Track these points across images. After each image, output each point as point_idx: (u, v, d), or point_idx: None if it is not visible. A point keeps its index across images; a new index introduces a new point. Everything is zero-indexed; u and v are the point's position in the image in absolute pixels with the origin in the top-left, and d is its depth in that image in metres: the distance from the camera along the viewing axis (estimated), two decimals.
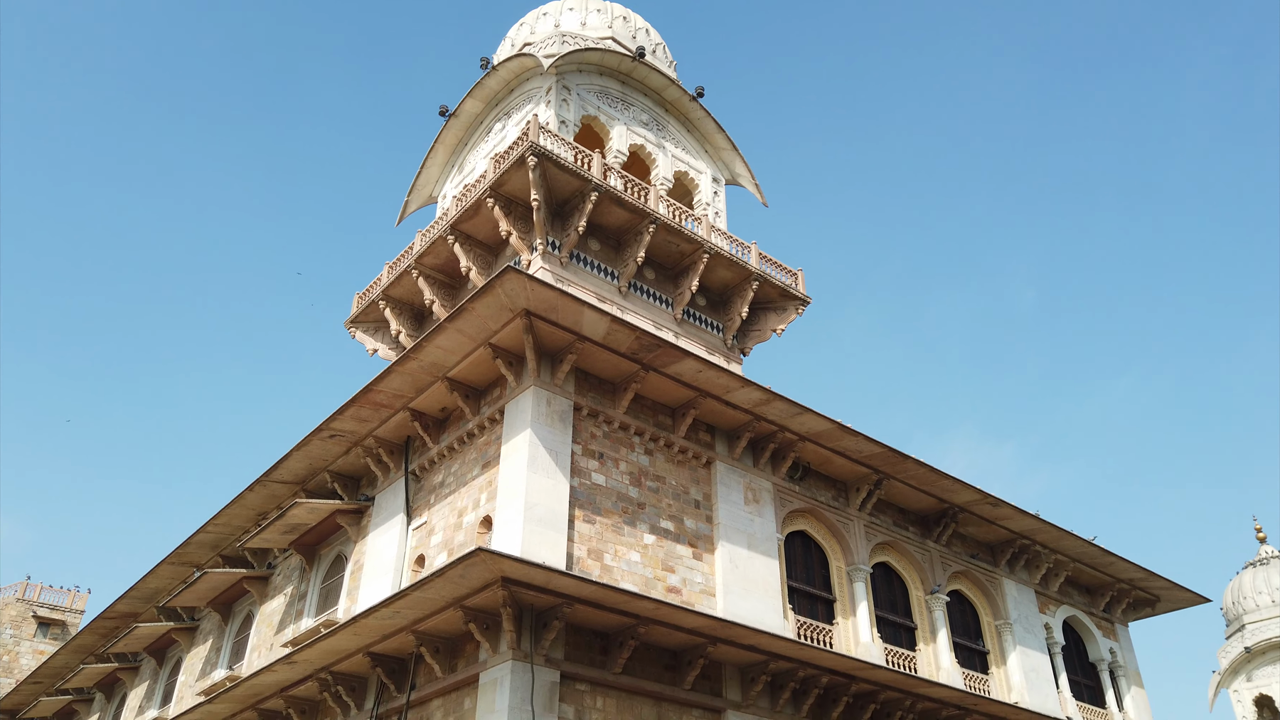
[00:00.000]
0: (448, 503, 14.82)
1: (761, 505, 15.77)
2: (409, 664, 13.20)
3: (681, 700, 12.95)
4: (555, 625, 11.71)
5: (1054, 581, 20.26)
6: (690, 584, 14.16)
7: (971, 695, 15.31)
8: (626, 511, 14.02)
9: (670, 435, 15.07)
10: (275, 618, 18.09)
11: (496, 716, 11.16)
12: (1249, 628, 31.93)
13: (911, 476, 17.36)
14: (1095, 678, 20.69)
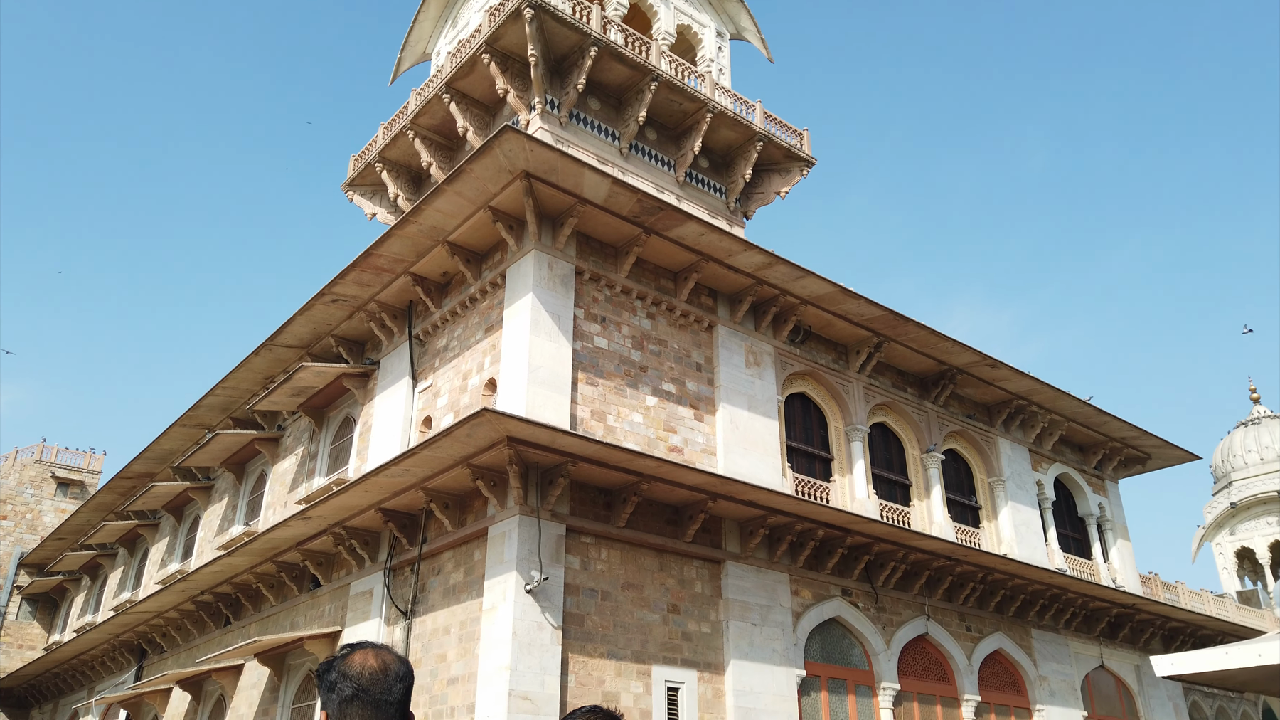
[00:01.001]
0: (452, 366, 14.99)
1: (762, 368, 15.95)
2: (420, 519, 13.67)
3: (683, 552, 13.47)
4: (560, 482, 12.07)
5: (1048, 440, 20.72)
6: (691, 444, 14.49)
7: (962, 547, 15.91)
8: (629, 374, 14.19)
9: (672, 299, 15.08)
10: (288, 477, 18.63)
11: (505, 566, 11.66)
12: (1236, 484, 32.84)
13: (911, 339, 17.49)
14: (1083, 531, 21.45)
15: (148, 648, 22.44)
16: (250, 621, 17.84)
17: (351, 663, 1.94)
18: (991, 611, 17.55)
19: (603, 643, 12.15)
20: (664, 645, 12.77)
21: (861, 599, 15.59)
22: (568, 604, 11.98)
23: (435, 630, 12.84)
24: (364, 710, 1.88)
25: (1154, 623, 20.23)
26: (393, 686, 1.93)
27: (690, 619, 13.25)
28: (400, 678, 1.96)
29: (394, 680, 1.94)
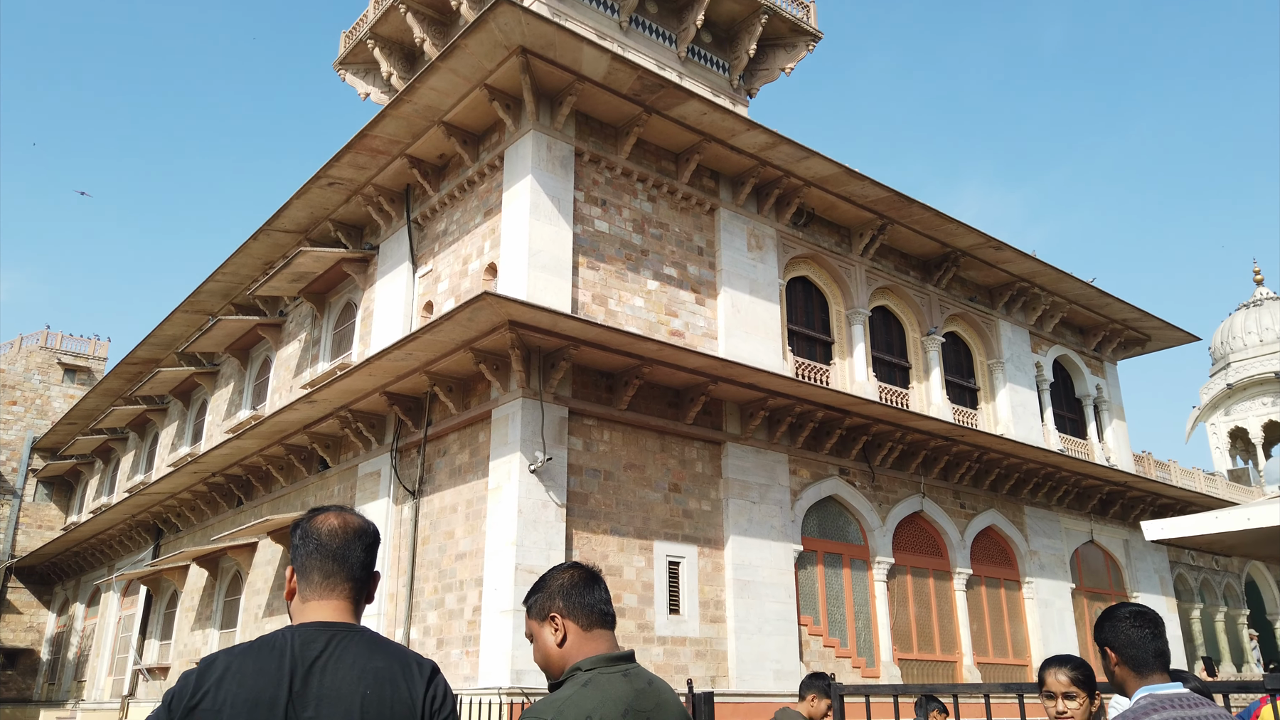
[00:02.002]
0: (452, 251, 14.87)
1: (764, 251, 15.82)
2: (424, 402, 13.84)
3: (683, 434, 13.69)
4: (563, 366, 12.15)
5: (1049, 323, 20.74)
6: (693, 328, 14.51)
7: (958, 428, 16.14)
8: (630, 258, 14.09)
9: (674, 181, 14.83)
10: (292, 362, 18.77)
11: (509, 448, 11.87)
12: (1234, 365, 33.06)
13: (916, 221, 17.28)
14: (1079, 412, 21.73)
15: (163, 527, 23.12)
16: (262, 502, 18.30)
17: (314, 522, 2.01)
18: (986, 489, 17.96)
19: (606, 520, 12.48)
20: (665, 522, 13.13)
21: (858, 478, 15.93)
22: (571, 483, 12.25)
23: (443, 509, 13.18)
24: (324, 563, 1.94)
25: (1144, 499, 20.73)
26: (352, 543, 1.97)
27: (691, 497, 13.58)
28: (360, 534, 2.00)
29: (354, 536, 1.98)
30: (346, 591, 1.94)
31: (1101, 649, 2.74)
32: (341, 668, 1.79)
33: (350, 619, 1.92)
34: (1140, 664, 2.65)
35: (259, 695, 1.74)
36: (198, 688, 1.77)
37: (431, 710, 1.77)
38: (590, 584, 2.17)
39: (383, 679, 1.78)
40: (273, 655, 1.79)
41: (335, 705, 1.74)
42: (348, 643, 1.84)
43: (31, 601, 32.19)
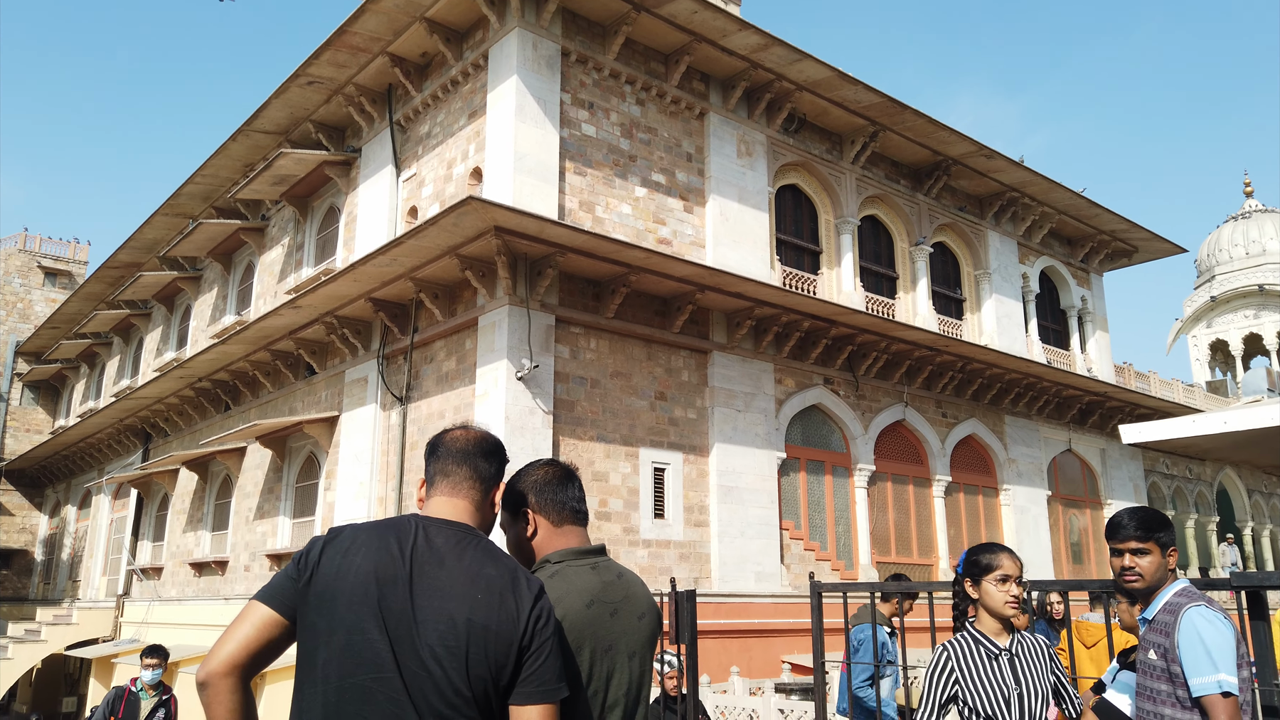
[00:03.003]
0: (436, 154, 14.58)
1: (754, 158, 15.58)
2: (410, 309, 13.77)
3: (670, 342, 13.72)
4: (549, 273, 12.07)
5: (1037, 233, 20.68)
6: (680, 235, 14.39)
7: (943, 338, 16.24)
8: (617, 164, 13.85)
9: (663, 84, 14.48)
10: (275, 267, 18.57)
11: (496, 355, 11.88)
12: (1219, 278, 33.20)
13: (908, 128, 17.01)
14: (1064, 323, 21.87)
15: (152, 431, 23.22)
16: (250, 407, 18.36)
17: (443, 435, 2.09)
18: (968, 399, 18.19)
19: (592, 427, 12.61)
20: (651, 430, 13.27)
21: (843, 387, 16.08)
22: (558, 391, 12.32)
23: (430, 414, 13.26)
24: (445, 464, 2.00)
25: (1123, 409, 21.06)
26: (474, 448, 2.03)
27: (677, 405, 13.70)
28: (481, 441, 2.06)
29: (476, 442, 2.05)
30: (467, 492, 1.98)
31: (1166, 549, 2.88)
32: (460, 566, 1.82)
33: (471, 522, 1.97)
34: None
35: (381, 570, 1.78)
36: (324, 552, 1.83)
37: (536, 628, 1.79)
38: (564, 481, 2.20)
39: (494, 587, 1.80)
40: (397, 536, 1.84)
41: (448, 599, 1.77)
42: (467, 544, 1.87)
43: (23, 504, 32.53)
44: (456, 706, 1.69)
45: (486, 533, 1.99)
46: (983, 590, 3.07)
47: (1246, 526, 25.60)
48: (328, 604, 1.75)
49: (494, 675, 1.73)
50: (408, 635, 1.71)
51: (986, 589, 3.07)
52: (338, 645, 1.72)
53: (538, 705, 1.74)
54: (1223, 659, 2.50)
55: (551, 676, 1.76)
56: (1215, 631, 2.53)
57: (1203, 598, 2.68)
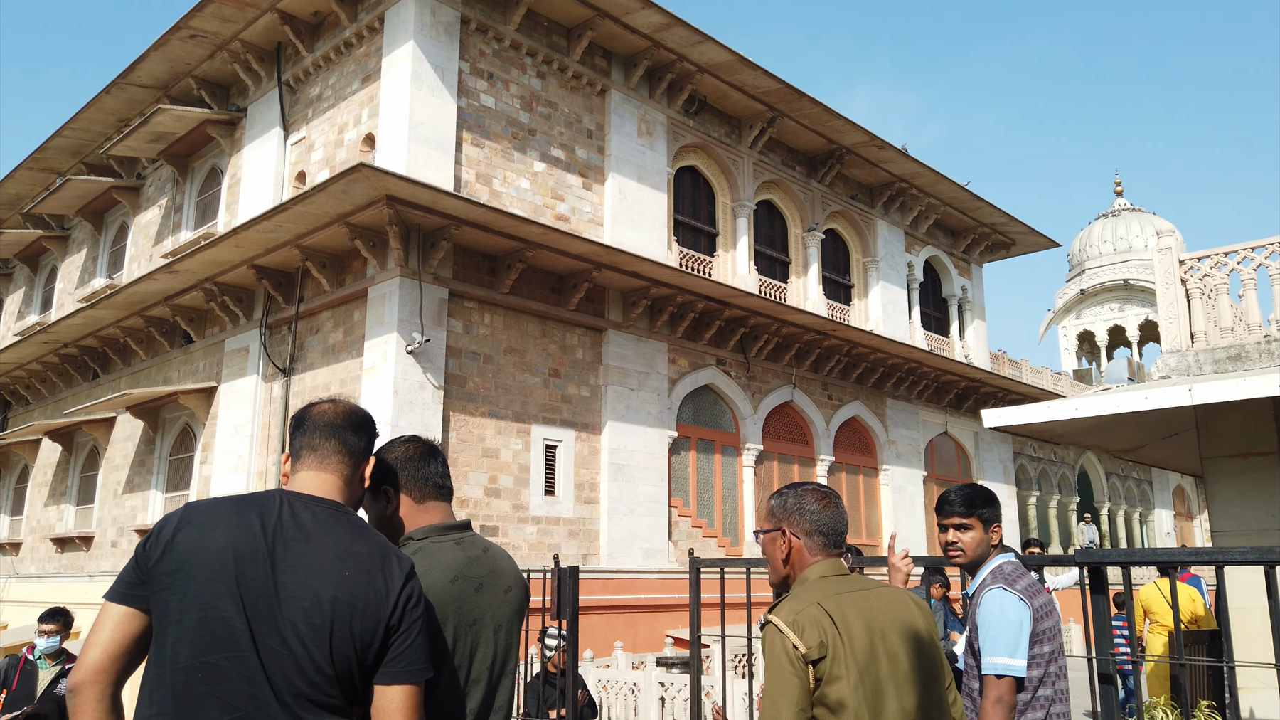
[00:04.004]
0: (327, 118, 14.09)
1: (654, 138, 15.62)
2: (296, 278, 13.31)
3: (566, 320, 13.69)
4: (443, 246, 11.86)
5: (923, 224, 21.45)
6: (579, 213, 14.33)
7: (831, 322, 16.71)
8: (517, 137, 13.68)
9: (564, 58, 14.34)
10: (152, 229, 17.64)
11: (386, 328, 11.62)
12: (1089, 272, 35.14)
13: (805, 116, 17.35)
14: (944, 311, 22.80)
15: (11, 399, 21.82)
16: (120, 375, 17.45)
17: (309, 408, 2.02)
18: (853, 382, 18.79)
19: (484, 403, 12.49)
20: (544, 406, 13.24)
21: (734, 368, 16.38)
22: (449, 365, 12.14)
23: (315, 387, 12.89)
24: (313, 438, 1.94)
25: (996, 395, 22.13)
26: (343, 422, 1.97)
27: (571, 383, 13.70)
28: (350, 415, 2.00)
29: (345, 416, 1.98)
30: (336, 467, 1.93)
31: (991, 524, 2.98)
32: (328, 542, 1.77)
33: (340, 498, 1.91)
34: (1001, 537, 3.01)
35: (240, 546, 1.72)
36: (178, 529, 1.75)
37: (406, 607, 1.75)
38: (427, 456, 2.18)
39: (363, 564, 1.76)
40: (260, 511, 1.78)
41: (313, 576, 1.72)
42: (335, 520, 1.82)
43: None
44: (317, 685, 1.66)
45: (355, 508, 1.95)
46: None
47: (1104, 507, 27.33)
48: (181, 582, 1.69)
49: (359, 654, 1.70)
50: (268, 613, 1.67)
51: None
52: (190, 624, 1.67)
53: (402, 685, 1.72)
54: (1003, 642, 2.67)
55: (418, 657, 1.75)
56: (1002, 614, 2.70)
57: (1005, 578, 2.81)
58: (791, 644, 2.02)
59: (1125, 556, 3.58)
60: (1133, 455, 8.52)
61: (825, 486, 2.40)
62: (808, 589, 2.17)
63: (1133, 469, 28.56)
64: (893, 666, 2.08)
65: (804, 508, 2.31)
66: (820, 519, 2.29)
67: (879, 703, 2.01)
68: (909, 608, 2.23)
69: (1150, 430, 6.35)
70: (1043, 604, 2.80)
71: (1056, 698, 2.77)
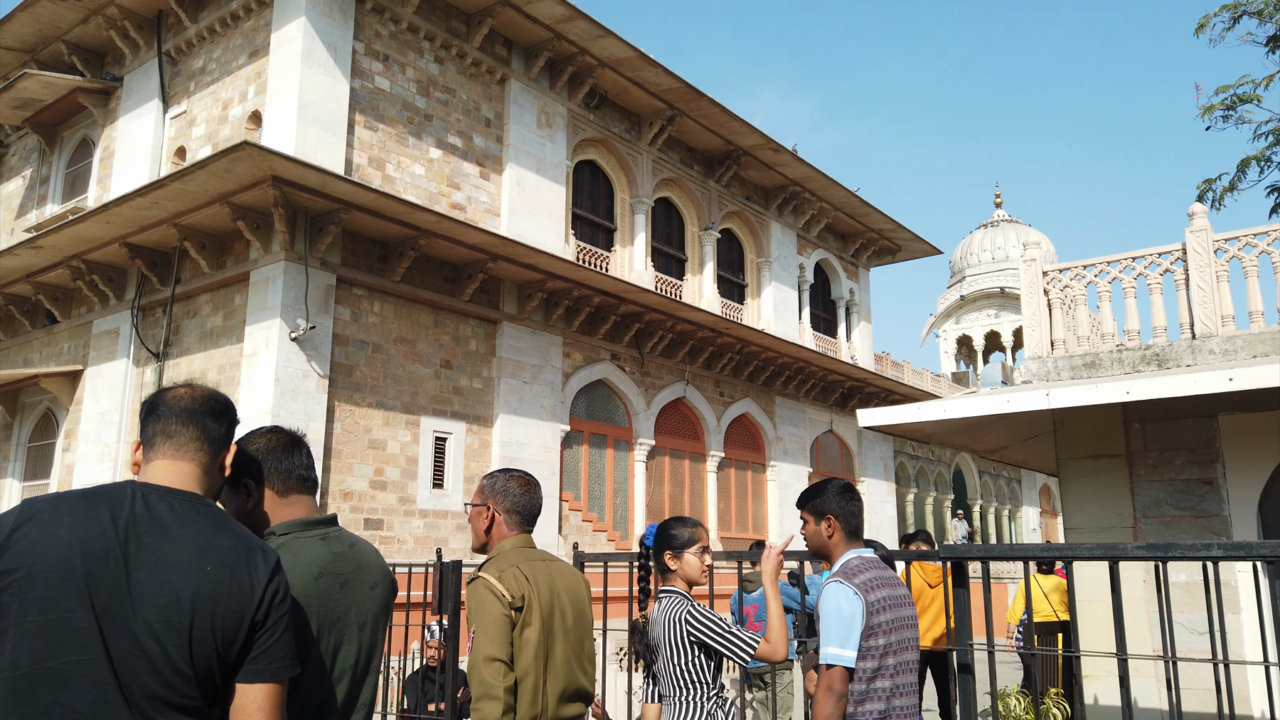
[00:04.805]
0: (210, 92, 13.48)
1: (554, 130, 15.55)
2: (173, 258, 12.71)
3: (459, 310, 13.50)
4: (332, 230, 11.52)
5: (815, 227, 22.03)
6: (475, 202, 14.15)
7: (725, 320, 17.00)
8: (412, 122, 13.40)
9: (464, 45, 14.12)
10: (14, 201, 16.54)
11: (269, 313, 11.22)
12: (968, 279, 36.72)
13: (704, 116, 17.56)
14: (833, 312, 23.48)
15: None
16: None
17: (162, 393, 1.89)
18: (744, 380, 19.17)
19: (371, 393, 12.21)
20: (434, 398, 13.03)
21: (629, 363, 16.47)
22: (336, 354, 11.82)
23: (190, 374, 12.34)
24: (167, 424, 1.82)
25: (880, 395, 22.93)
26: (200, 407, 1.85)
27: (463, 374, 13.52)
28: (209, 400, 1.88)
29: (202, 401, 1.86)
30: (194, 455, 1.81)
31: (821, 516, 3.03)
32: (187, 536, 1.67)
33: (199, 488, 1.80)
34: (854, 532, 3.02)
35: (88, 543, 1.60)
36: (16, 527, 1.61)
37: (271, 603, 1.67)
38: (290, 448, 2.10)
39: (225, 559, 1.66)
40: (110, 505, 1.65)
41: (171, 573, 1.62)
42: (195, 513, 1.72)
43: None
44: (174, 686, 1.59)
45: (214, 499, 1.87)
46: (685, 561, 3.23)
47: (977, 504, 28.68)
48: (20, 583, 1.58)
49: (221, 652, 1.63)
50: (120, 612, 1.58)
51: (689, 560, 3.24)
52: (30, 627, 1.57)
53: (265, 684, 1.66)
54: (834, 633, 2.80)
55: (284, 654, 1.69)
56: (835, 607, 2.83)
57: (845, 572, 2.92)
58: (501, 593, 2.60)
59: (984, 552, 3.76)
60: (998, 455, 8.99)
61: (528, 475, 2.93)
62: (505, 555, 2.76)
63: (1003, 468, 30.07)
64: (562, 619, 2.73)
65: (509, 490, 2.87)
66: (520, 501, 2.87)
67: (552, 644, 2.67)
68: (577, 578, 2.90)
69: (1013, 432, 6.73)
70: (882, 598, 2.85)
71: (898, 691, 2.84)
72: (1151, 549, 2.96)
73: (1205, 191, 13.61)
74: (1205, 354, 5.98)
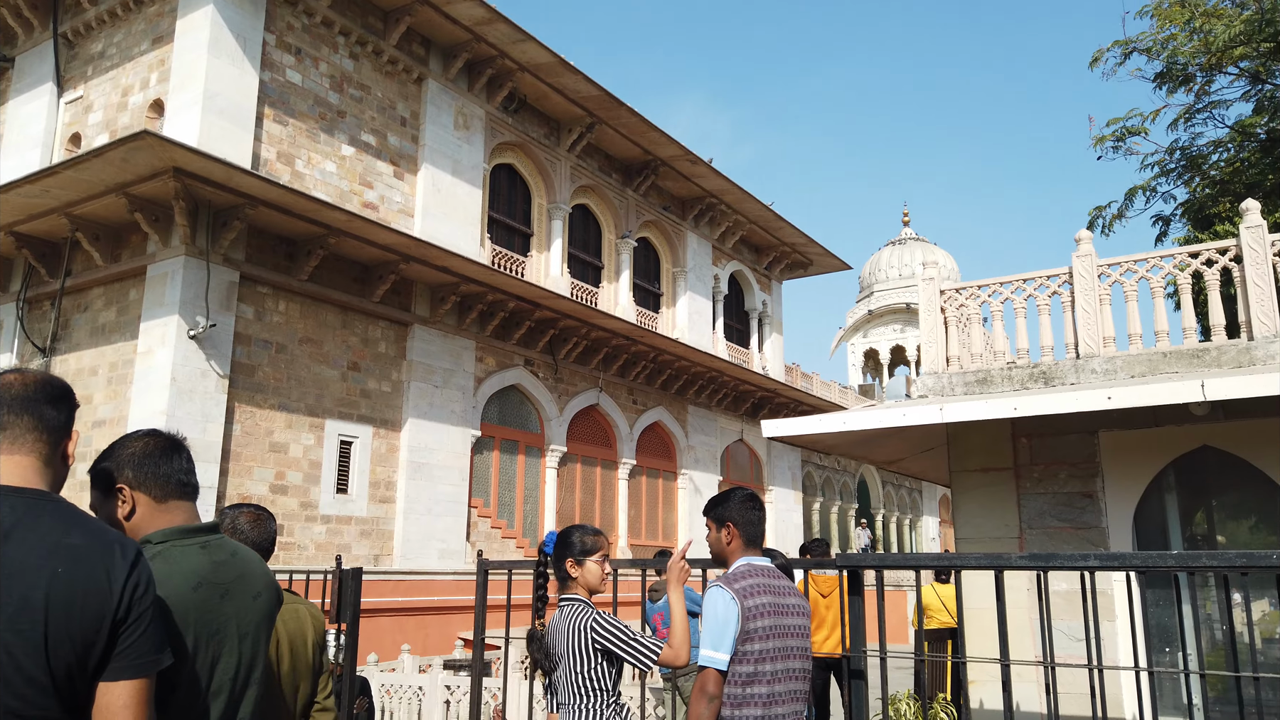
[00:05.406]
0: (110, 78, 12.93)
1: (471, 132, 15.41)
2: (64, 249, 12.12)
3: (370, 312, 13.24)
4: (236, 226, 11.16)
5: (730, 239, 22.35)
6: (389, 202, 13.91)
7: (639, 329, 17.08)
8: (324, 118, 13.10)
9: (380, 42, 13.88)
10: None
11: (166, 309, 10.80)
12: (876, 294, 37.76)
13: (624, 125, 17.65)
14: (746, 323, 23.85)
15: None
16: None
17: None
18: (658, 388, 19.29)
19: (274, 395, 11.86)
20: (341, 401, 12.74)
21: (542, 369, 16.41)
22: (237, 354, 11.45)
23: (80, 370, 11.78)
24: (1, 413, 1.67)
25: (789, 405, 23.37)
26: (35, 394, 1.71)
27: (371, 377, 13.26)
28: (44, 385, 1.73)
29: (37, 387, 1.72)
30: (32, 446, 1.67)
31: (721, 524, 3.08)
32: (34, 537, 1.54)
33: (41, 481, 1.66)
34: (751, 540, 3.07)
35: None
36: None
37: (133, 598, 1.57)
38: (168, 452, 2.00)
39: (79, 558, 1.55)
40: None
41: (18, 578, 1.51)
42: (40, 511, 1.59)
43: None
44: (28, 698, 1.50)
45: (57, 492, 1.75)
46: (585, 569, 3.25)
47: (880, 513, 29.46)
48: None
49: (80, 656, 1.54)
50: None
51: (590, 567, 3.25)
52: None
53: (130, 681, 1.56)
54: (710, 635, 2.88)
55: (149, 648, 1.59)
56: (713, 610, 2.90)
57: (728, 578, 2.99)
58: None
59: (878, 561, 3.88)
60: (896, 467, 9.27)
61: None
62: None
63: (905, 479, 30.98)
64: None
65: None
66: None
67: None
68: None
69: (910, 444, 6.97)
70: (761, 604, 2.89)
71: (777, 699, 2.86)
72: (1034, 559, 3.10)
73: (1096, 218, 14.35)
74: (1088, 373, 6.31)
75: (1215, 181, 13.92)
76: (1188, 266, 6.47)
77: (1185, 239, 14.75)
